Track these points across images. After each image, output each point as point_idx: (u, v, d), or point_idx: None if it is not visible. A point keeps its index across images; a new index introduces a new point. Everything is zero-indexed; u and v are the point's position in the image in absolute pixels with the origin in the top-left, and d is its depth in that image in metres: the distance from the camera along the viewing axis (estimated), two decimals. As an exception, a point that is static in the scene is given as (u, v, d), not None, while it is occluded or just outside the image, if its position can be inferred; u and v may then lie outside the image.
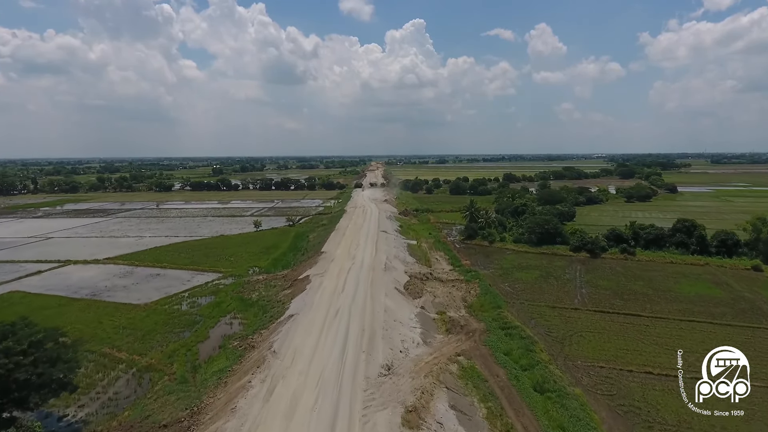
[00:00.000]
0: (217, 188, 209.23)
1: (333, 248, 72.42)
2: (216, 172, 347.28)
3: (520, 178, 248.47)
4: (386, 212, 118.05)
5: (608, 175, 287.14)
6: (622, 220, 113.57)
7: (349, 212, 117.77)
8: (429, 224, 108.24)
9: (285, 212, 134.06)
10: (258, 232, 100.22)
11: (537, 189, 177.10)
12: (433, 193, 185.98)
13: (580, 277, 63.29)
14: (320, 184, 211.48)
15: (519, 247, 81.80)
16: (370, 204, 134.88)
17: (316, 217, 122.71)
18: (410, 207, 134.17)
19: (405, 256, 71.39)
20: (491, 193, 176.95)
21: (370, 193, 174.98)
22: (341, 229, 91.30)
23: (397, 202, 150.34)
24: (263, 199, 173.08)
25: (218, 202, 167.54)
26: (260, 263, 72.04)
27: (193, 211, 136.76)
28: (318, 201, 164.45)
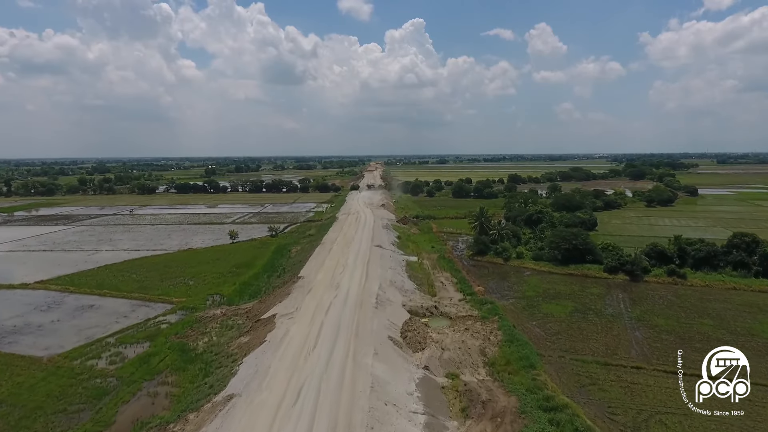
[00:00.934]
0: (204, 190, 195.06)
1: (314, 271, 58.19)
2: (209, 172, 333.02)
3: (526, 179, 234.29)
4: (383, 220, 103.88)
5: (617, 176, 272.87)
6: (649, 229, 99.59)
7: (340, 220, 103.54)
8: (431, 234, 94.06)
9: (271, 218, 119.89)
10: (233, 244, 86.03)
11: (548, 192, 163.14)
12: (434, 196, 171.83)
13: (627, 312, 49.10)
14: (314, 186, 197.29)
15: (540, 265, 67.59)
16: (365, 210, 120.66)
17: (304, 225, 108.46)
18: (410, 213, 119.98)
19: (403, 281, 57.18)
20: (497, 196, 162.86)
21: (366, 197, 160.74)
22: (328, 242, 77.07)
23: (395, 207, 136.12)
24: (252, 203, 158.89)
25: (203, 206, 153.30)
26: (224, 289, 57.85)
27: (168, 218, 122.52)
28: (310, 205, 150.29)
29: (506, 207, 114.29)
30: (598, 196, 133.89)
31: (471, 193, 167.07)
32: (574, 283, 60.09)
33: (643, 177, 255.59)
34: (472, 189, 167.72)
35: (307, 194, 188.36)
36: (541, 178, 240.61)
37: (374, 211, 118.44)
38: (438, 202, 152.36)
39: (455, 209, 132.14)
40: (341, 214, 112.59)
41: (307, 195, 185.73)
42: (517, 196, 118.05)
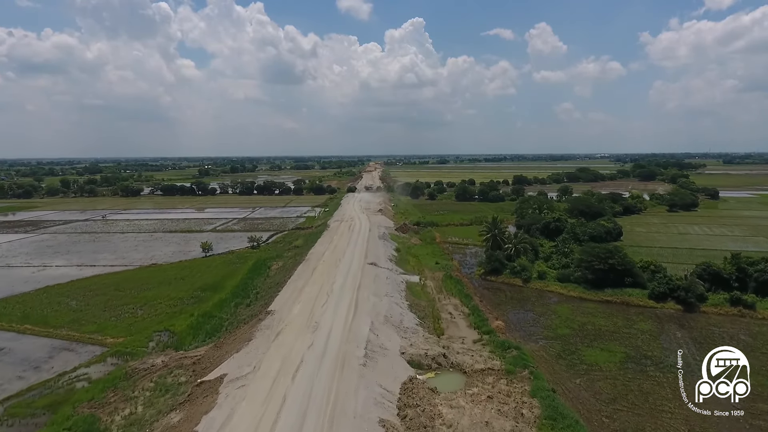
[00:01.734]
0: (192, 193, 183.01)
1: (289, 301, 46.19)
2: (202, 173, 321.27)
3: (532, 180, 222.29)
4: (379, 228, 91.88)
5: (625, 177, 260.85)
6: (681, 239, 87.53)
7: (332, 228, 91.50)
8: (434, 245, 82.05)
9: (257, 225, 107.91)
10: (206, 258, 74.08)
11: (558, 195, 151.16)
12: (435, 199, 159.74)
13: (696, 362, 37.10)
14: (308, 188, 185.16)
15: (568, 289, 55.60)
16: (360, 215, 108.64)
17: (292, 233, 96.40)
18: (410, 219, 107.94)
19: (402, 313, 45.16)
20: (504, 199, 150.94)
21: (363, 200, 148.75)
22: (314, 258, 65.07)
23: (394, 212, 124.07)
24: (241, 206, 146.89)
25: (187, 209, 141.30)
26: (178, 322, 45.87)
27: (143, 225, 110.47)
28: (302, 209, 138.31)
29: (517, 213, 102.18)
30: (616, 200, 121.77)
31: (475, 196, 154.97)
32: (614, 314, 48.07)
33: (654, 178, 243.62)
34: (476, 191, 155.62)
35: (301, 197, 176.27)
36: (548, 179, 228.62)
37: (371, 217, 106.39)
38: (440, 206, 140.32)
39: (460, 214, 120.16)
40: (334, 221, 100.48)
41: (301, 197, 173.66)
42: (530, 201, 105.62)
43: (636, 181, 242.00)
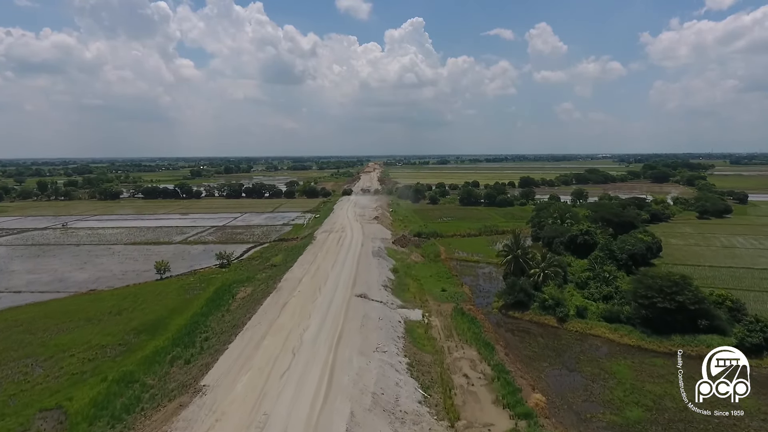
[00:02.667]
0: (176, 196, 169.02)
1: (235, 366, 32.28)
2: (194, 173, 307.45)
3: (539, 182, 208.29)
4: (374, 241, 78.02)
5: (636, 179, 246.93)
6: (728, 255, 73.45)
7: (318, 242, 77.63)
8: (439, 263, 68.21)
9: (236, 236, 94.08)
10: (160, 282, 60.21)
11: (572, 198, 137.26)
12: (438, 203, 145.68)
13: None
14: (301, 190, 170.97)
15: (620, 333, 41.73)
16: (353, 224, 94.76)
17: (272, 247, 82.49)
18: (410, 228, 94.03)
19: (398, 383, 31.23)
20: (513, 203, 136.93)
21: (359, 204, 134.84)
22: (288, 286, 51.18)
23: (392, 219, 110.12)
24: (225, 211, 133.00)
25: (163, 216, 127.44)
26: (80, 393, 32.00)
27: (106, 235, 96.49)
28: (291, 214, 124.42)
29: (533, 222, 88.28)
30: (641, 206, 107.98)
31: (481, 200, 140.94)
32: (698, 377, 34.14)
33: (667, 179, 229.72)
34: (482, 195, 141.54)
35: (292, 200, 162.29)
36: (556, 180, 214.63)
37: (365, 226, 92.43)
38: (443, 211, 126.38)
39: (466, 222, 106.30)
40: (322, 232, 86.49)
41: (292, 201, 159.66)
42: (549, 208, 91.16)
43: (648, 183, 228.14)
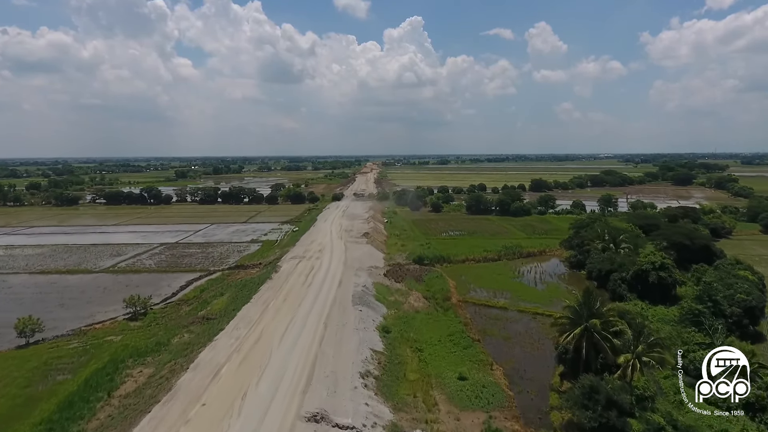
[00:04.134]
0: (142, 201, 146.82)
1: None
2: (179, 175, 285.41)
3: (552, 185, 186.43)
4: (359, 273, 56.18)
5: (654, 180, 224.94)
6: None
7: (281, 275, 55.64)
8: (451, 314, 46.36)
9: (183, 259, 72.33)
10: (18, 351, 38.33)
11: (600, 206, 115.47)
12: (441, 211, 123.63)
13: None
14: (285, 195, 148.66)
15: None
16: (336, 244, 72.83)
17: (220, 279, 60.35)
18: (409, 250, 72.06)
19: None
20: (530, 212, 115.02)
21: (348, 213, 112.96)
22: (192, 389, 29.05)
23: (387, 234, 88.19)
24: (191, 220, 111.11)
25: (112, 227, 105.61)
26: None
27: (17, 257, 74.27)
28: (266, 226, 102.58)
29: (572, 244, 66.42)
30: (696, 219, 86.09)
31: (492, 208, 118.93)
32: None
33: (690, 182, 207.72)
34: (494, 202, 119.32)
35: (274, 207, 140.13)
36: (570, 183, 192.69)
37: (350, 248, 70.45)
38: (449, 222, 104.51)
39: (478, 238, 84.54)
40: (291, 258, 64.38)
41: (273, 208, 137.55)
42: (593, 226, 67.80)
43: (670, 186, 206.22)
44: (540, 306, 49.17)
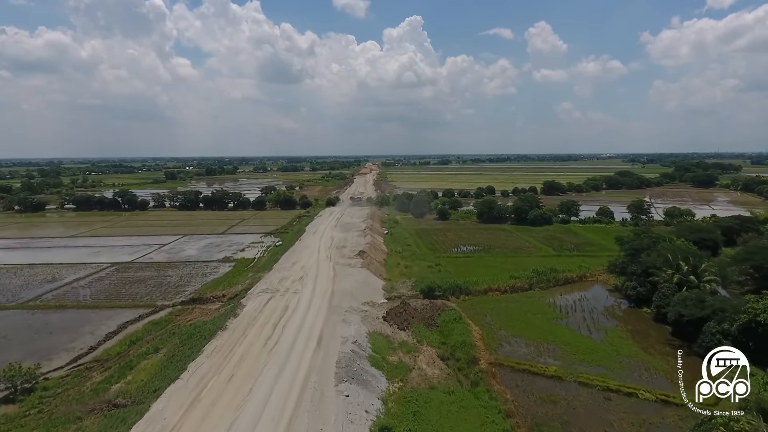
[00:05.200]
0: (116, 206, 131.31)
1: None
2: (169, 176, 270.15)
3: (566, 187, 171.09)
4: (351, 315, 41.07)
5: (672, 182, 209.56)
6: None
7: (241, 320, 40.39)
8: (480, 389, 31.00)
9: (131, 287, 57.11)
10: None
11: (632, 216, 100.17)
12: (448, 218, 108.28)
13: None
14: (273, 200, 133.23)
15: None
16: (322, 269, 57.40)
17: (165, 322, 44.81)
18: (415, 273, 56.65)
19: None
20: (551, 221, 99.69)
21: (342, 223, 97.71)
22: None
23: (388, 251, 72.82)
24: (159, 231, 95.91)
25: (68, 239, 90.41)
26: None
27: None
28: (246, 239, 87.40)
29: (626, 271, 51.04)
30: (760, 233, 70.79)
31: (508, 216, 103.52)
32: None
33: (713, 183, 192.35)
34: (509, 210, 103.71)
35: (261, 213, 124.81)
36: (584, 185, 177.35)
37: (340, 274, 54.99)
38: (459, 234, 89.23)
39: (497, 255, 69.23)
40: (262, 291, 48.91)
41: (259, 216, 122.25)
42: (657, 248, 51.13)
43: (689, 188, 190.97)
44: (608, 372, 33.99)
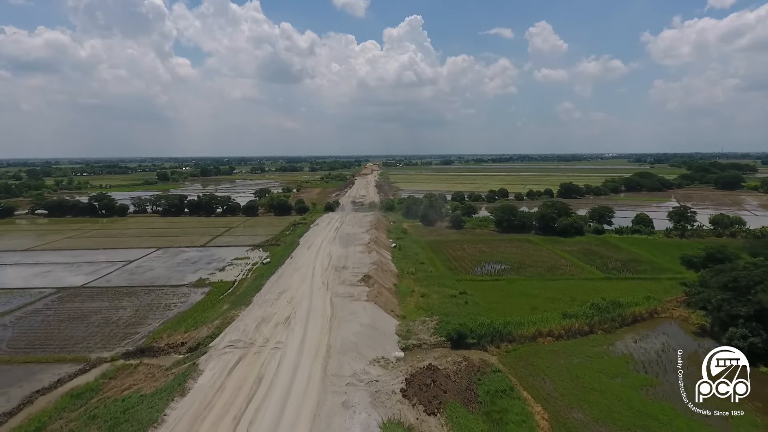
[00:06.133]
0: (92, 212, 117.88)
1: None
2: (161, 177, 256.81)
3: (584, 189, 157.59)
4: (354, 382, 28.03)
5: (692, 183, 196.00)
6: None
7: (184, 415, 26.70)
8: None
9: (69, 324, 43.67)
10: None
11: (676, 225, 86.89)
12: (463, 227, 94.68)
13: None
14: (266, 205, 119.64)
15: None
16: (317, 301, 43.98)
17: (86, 396, 31.40)
18: (436, 312, 43.13)
19: None
20: (582, 231, 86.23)
21: (342, 234, 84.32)
22: None
23: (397, 273, 59.26)
24: (133, 242, 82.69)
25: (24, 254, 77.13)
26: None
27: None
28: (229, 253, 74.12)
29: (723, 311, 37.64)
30: None
31: (532, 224, 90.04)
32: None
33: (739, 185, 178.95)
34: (534, 218, 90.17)
35: (252, 220, 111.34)
36: (603, 188, 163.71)
37: (340, 309, 41.52)
38: (478, 247, 75.80)
39: (534, 277, 55.52)
40: (230, 345, 35.40)
41: (249, 222, 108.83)
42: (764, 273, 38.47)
43: (713, 190, 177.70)
44: None
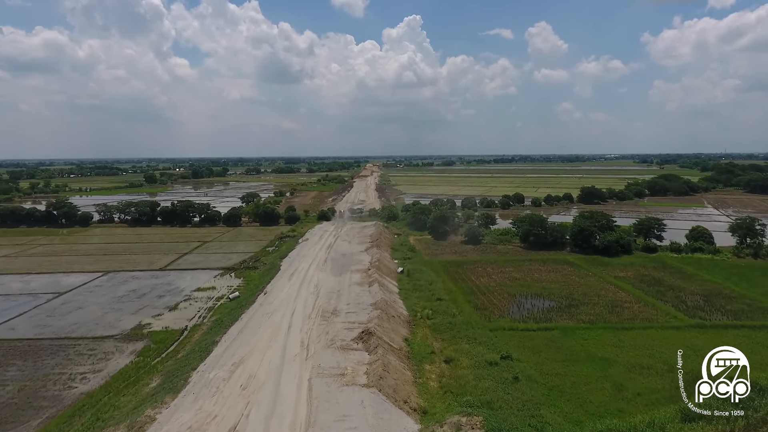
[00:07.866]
0: (51, 221, 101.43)
1: None
2: (149, 179, 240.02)
3: (606, 194, 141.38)
4: None
5: (718, 186, 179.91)
6: None
7: None
8: None
9: None
10: None
11: (736, 236, 70.63)
12: (481, 242, 78.28)
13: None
14: (251, 213, 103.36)
15: None
16: (288, 389, 27.73)
17: None
18: (472, 404, 26.75)
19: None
20: (630, 250, 69.93)
21: (338, 254, 68.10)
22: None
23: (407, 314, 42.91)
24: (78, 264, 66.55)
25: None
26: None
27: None
28: (197, 278, 57.92)
29: None
30: None
31: (563, 240, 73.81)
32: None
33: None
34: (568, 231, 73.91)
35: (233, 230, 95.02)
36: (627, 192, 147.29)
37: (320, 414, 25.18)
38: (506, 272, 59.52)
39: (597, 326, 38.86)
40: None
41: (231, 233, 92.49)
42: None
43: (744, 194, 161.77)
44: None
